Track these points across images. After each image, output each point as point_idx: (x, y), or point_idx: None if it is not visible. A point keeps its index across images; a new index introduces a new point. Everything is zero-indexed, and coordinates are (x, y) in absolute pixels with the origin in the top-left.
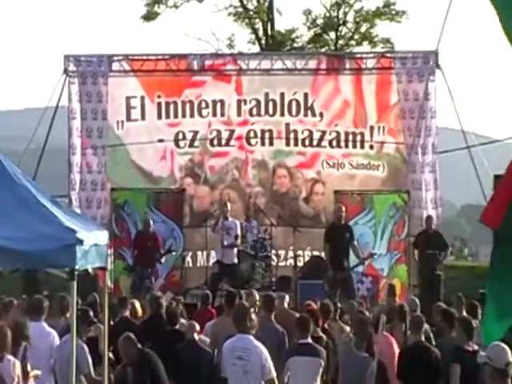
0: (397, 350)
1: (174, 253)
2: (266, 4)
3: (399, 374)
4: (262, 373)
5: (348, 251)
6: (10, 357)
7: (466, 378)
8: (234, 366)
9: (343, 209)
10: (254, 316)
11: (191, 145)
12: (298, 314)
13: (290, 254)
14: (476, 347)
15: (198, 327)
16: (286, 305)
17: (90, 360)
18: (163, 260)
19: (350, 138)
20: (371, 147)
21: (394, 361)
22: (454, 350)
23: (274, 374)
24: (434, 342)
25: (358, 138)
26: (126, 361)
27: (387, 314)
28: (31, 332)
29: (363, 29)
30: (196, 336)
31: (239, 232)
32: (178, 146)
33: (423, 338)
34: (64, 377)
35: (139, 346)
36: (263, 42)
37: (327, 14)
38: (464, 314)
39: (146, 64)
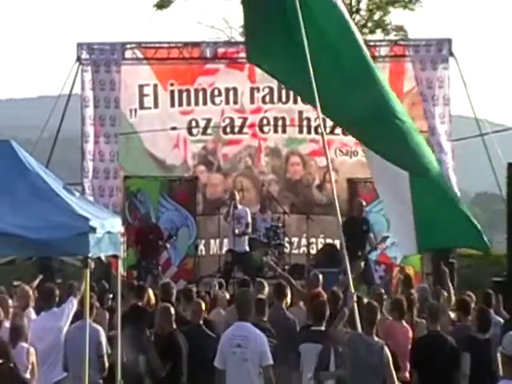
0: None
1: (174, 237)
2: None
3: (413, 364)
4: (261, 359)
5: (364, 243)
6: (24, 344)
7: (479, 367)
8: (233, 355)
9: (364, 203)
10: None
11: (204, 133)
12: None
13: (303, 241)
14: (488, 336)
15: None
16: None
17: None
18: (168, 246)
19: None
20: None
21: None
22: (466, 338)
23: (271, 361)
24: None
25: None
26: (157, 329)
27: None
28: (42, 320)
29: (376, 16)
30: (201, 321)
31: (250, 220)
32: (191, 133)
33: (439, 328)
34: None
35: (174, 326)
36: None
37: None
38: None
39: (159, 52)
